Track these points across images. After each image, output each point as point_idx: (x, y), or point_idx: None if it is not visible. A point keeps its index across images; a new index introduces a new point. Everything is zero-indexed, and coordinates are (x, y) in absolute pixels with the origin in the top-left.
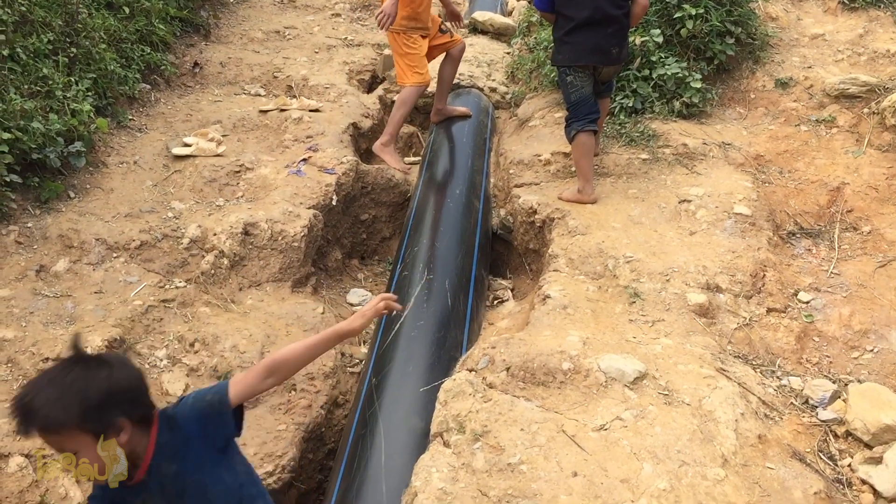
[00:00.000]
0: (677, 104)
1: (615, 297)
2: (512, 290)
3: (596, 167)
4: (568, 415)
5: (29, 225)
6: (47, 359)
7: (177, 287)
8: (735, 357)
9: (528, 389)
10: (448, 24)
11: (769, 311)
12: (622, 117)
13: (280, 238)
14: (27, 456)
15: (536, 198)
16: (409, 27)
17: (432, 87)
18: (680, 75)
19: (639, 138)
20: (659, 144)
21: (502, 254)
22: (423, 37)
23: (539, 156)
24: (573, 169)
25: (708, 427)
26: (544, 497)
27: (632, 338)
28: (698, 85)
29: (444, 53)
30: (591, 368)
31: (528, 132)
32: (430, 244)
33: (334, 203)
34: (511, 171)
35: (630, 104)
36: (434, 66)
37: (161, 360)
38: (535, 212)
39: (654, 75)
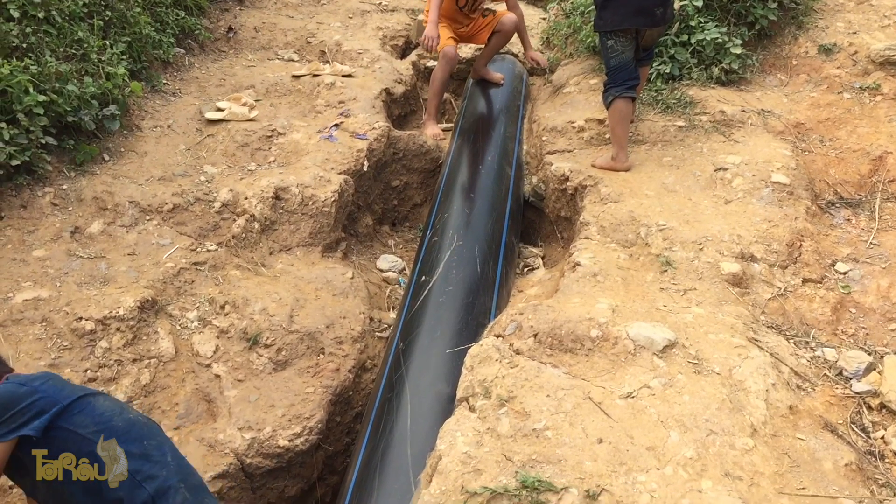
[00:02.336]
0: (716, 70)
1: (646, 265)
2: (543, 258)
3: (630, 134)
4: (595, 382)
5: (64, 187)
6: (80, 318)
7: (208, 250)
8: (768, 327)
9: (555, 356)
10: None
11: (805, 281)
12: (659, 84)
13: (311, 203)
14: None
15: (569, 165)
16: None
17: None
18: (719, 41)
19: (675, 105)
20: (696, 111)
21: (534, 221)
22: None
23: (573, 122)
24: (607, 136)
25: (737, 396)
26: (568, 463)
27: (662, 306)
28: (738, 51)
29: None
30: (620, 336)
31: (562, 99)
32: (461, 210)
33: (365, 169)
34: (544, 138)
35: (667, 70)
36: None
37: (192, 321)
38: (567, 179)
39: (692, 41)
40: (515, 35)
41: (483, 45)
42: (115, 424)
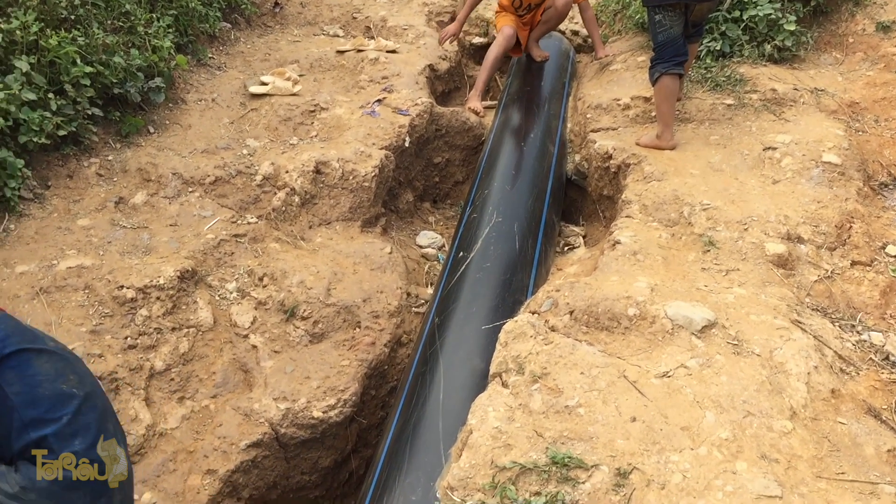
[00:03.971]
0: (768, 48)
1: (689, 244)
2: (584, 238)
3: (677, 112)
4: (630, 360)
5: (109, 158)
6: (121, 286)
7: (248, 223)
8: (813, 310)
9: (590, 334)
10: None
11: (853, 263)
12: (708, 61)
13: (351, 177)
14: (100, 378)
15: (613, 143)
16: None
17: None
18: (773, 17)
19: (725, 83)
20: (746, 89)
21: (576, 200)
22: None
23: (618, 100)
24: (653, 114)
25: (777, 379)
26: (600, 440)
27: (703, 286)
28: (792, 27)
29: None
30: (658, 315)
31: (608, 76)
32: (501, 187)
33: (407, 144)
34: (588, 116)
35: (717, 47)
36: None
37: (231, 292)
38: (610, 157)
39: (744, 17)
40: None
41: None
42: (39, 393)
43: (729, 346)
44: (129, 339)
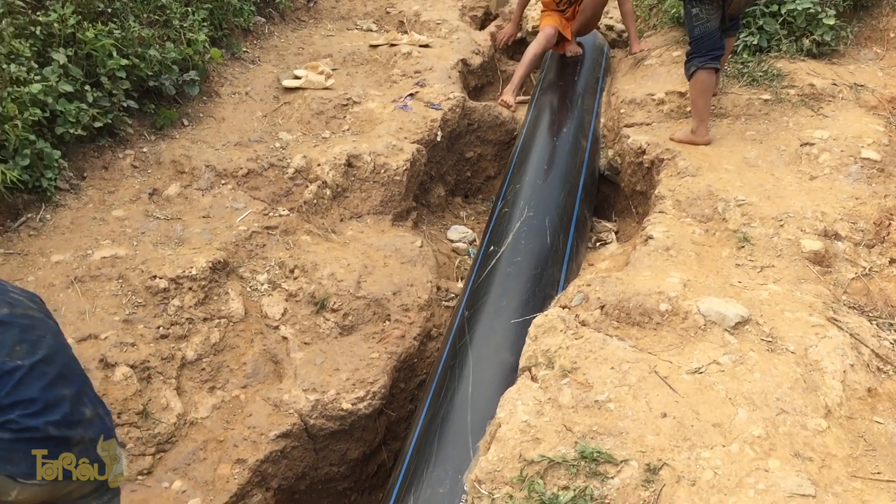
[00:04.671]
0: (807, 42)
1: (722, 240)
2: (616, 234)
3: (713, 107)
4: (662, 356)
5: (144, 150)
6: (154, 276)
7: (280, 215)
8: (850, 308)
9: (621, 329)
10: None
11: (892, 261)
12: (745, 56)
13: (382, 171)
14: (132, 367)
15: (646, 138)
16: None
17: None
18: (812, 11)
19: (762, 78)
20: (783, 84)
21: (609, 196)
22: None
23: (652, 95)
24: (688, 109)
25: (812, 377)
26: (630, 436)
27: (736, 282)
28: (832, 22)
29: None
30: (690, 311)
31: (642, 71)
32: (533, 182)
33: (439, 139)
34: (622, 111)
35: (755, 42)
36: None
37: (262, 284)
38: (643, 152)
39: (782, 11)
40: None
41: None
42: None
43: (763, 342)
44: (161, 328)
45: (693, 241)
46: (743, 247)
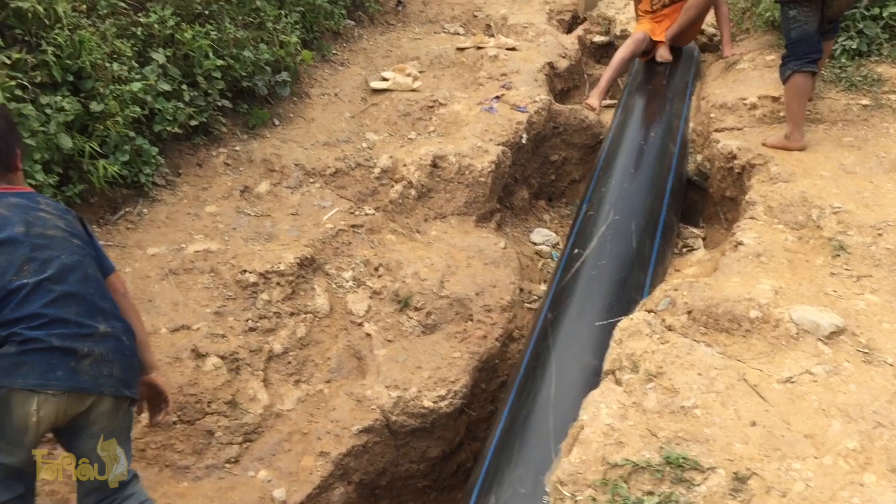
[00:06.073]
0: None
1: (816, 248)
2: (703, 240)
3: (808, 113)
4: (751, 364)
5: (237, 148)
6: (244, 271)
7: (366, 214)
8: None
9: (709, 335)
10: None
11: None
12: (843, 60)
13: (467, 172)
14: (222, 357)
15: (737, 143)
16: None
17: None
18: None
19: (861, 83)
20: (884, 90)
21: (696, 202)
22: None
23: (744, 99)
24: (781, 114)
25: None
26: (717, 443)
27: (831, 291)
28: None
29: None
30: (782, 319)
31: (734, 75)
32: (619, 185)
33: (524, 141)
34: (712, 115)
35: (854, 46)
36: None
37: (347, 281)
38: (734, 157)
39: (884, 14)
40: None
41: None
42: None
43: (859, 354)
44: (250, 321)
45: (785, 249)
46: (838, 255)
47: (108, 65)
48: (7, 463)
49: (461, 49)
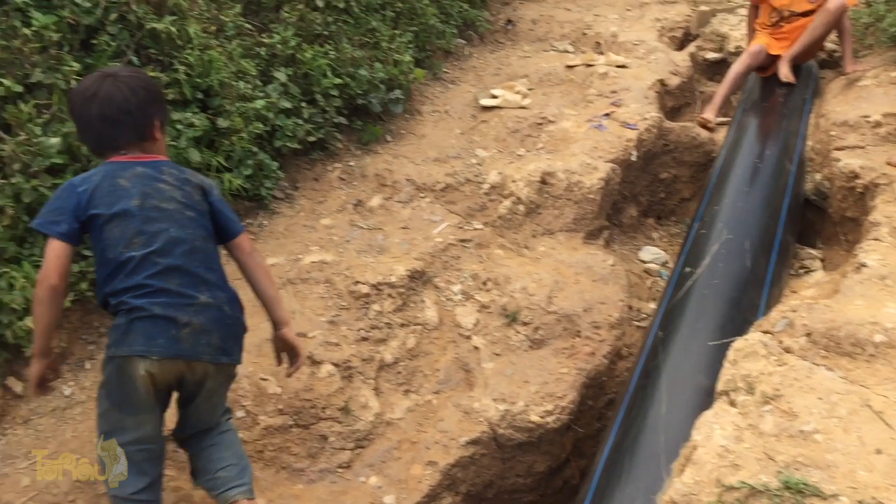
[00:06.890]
0: None
1: None
2: (822, 261)
3: None
4: (876, 390)
5: (351, 164)
6: (357, 282)
7: (475, 229)
8: None
9: (830, 358)
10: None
11: None
12: None
13: (576, 189)
14: (336, 365)
15: (860, 162)
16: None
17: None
18: None
19: None
20: None
21: (814, 222)
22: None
23: (867, 117)
24: None
25: None
26: (840, 470)
27: None
28: None
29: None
30: None
31: (856, 92)
32: (733, 204)
33: (634, 159)
34: (832, 133)
35: None
36: None
37: (456, 294)
38: (856, 176)
39: None
40: None
41: None
42: (108, 257)
43: None
44: (362, 331)
45: None
46: None
47: (234, 83)
48: (139, 437)
49: (570, 66)
